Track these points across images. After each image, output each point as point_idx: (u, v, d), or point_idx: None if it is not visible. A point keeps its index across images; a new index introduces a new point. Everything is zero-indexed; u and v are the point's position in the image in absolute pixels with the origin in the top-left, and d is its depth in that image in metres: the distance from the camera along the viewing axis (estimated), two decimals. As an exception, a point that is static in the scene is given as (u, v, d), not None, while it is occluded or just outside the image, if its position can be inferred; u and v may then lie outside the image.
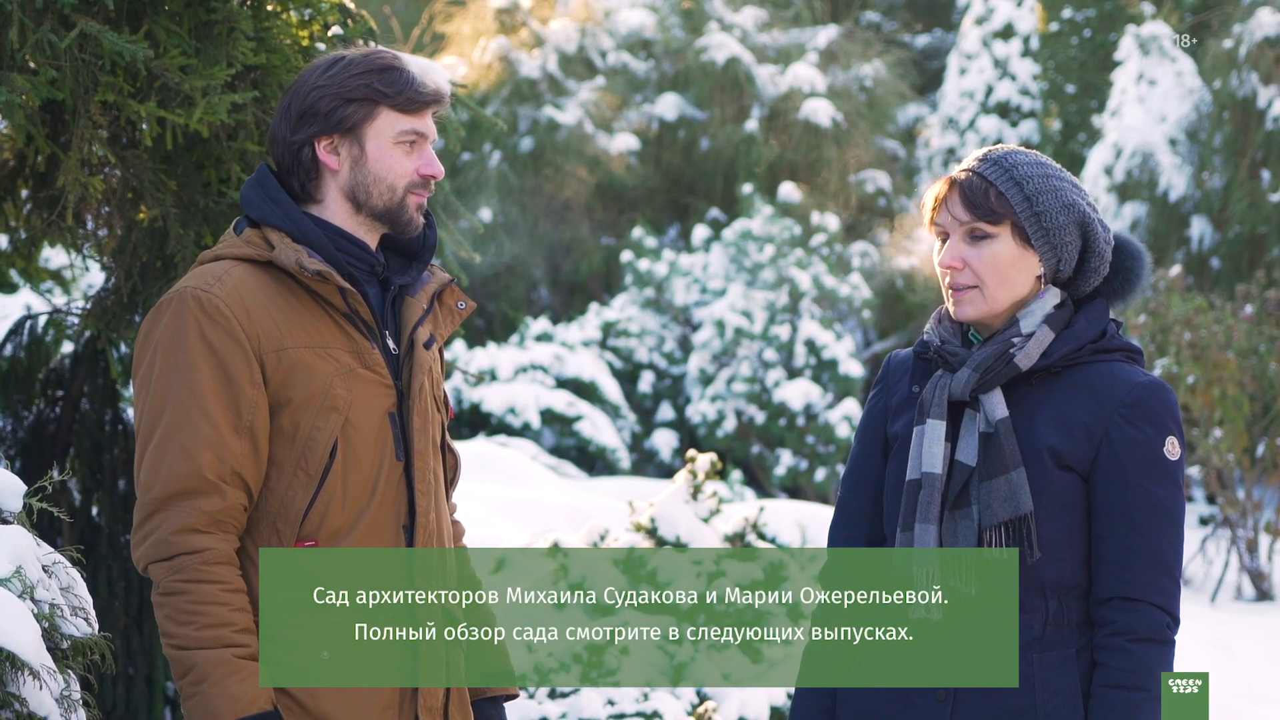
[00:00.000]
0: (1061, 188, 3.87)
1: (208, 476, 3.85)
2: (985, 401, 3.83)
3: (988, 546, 3.78)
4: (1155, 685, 3.75)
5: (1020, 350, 3.83)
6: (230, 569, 3.87)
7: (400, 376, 4.05)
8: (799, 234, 23.73)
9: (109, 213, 5.70)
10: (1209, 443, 16.12)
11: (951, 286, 3.90)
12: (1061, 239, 3.86)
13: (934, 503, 3.83)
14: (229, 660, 3.82)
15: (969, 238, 3.88)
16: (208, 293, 3.92)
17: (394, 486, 4.00)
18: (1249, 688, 10.62)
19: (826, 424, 21.95)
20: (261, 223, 4.02)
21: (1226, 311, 16.76)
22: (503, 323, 26.24)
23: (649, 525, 7.95)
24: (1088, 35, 27.96)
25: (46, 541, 4.30)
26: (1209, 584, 16.58)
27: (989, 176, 3.87)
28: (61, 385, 6.46)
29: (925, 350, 3.96)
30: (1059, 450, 3.80)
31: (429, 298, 4.14)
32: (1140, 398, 3.81)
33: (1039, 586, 3.80)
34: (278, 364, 3.92)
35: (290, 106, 4.04)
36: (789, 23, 30.18)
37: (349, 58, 4.05)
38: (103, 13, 5.12)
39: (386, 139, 4.02)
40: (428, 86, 4.05)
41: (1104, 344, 3.88)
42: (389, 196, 4.03)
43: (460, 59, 27.63)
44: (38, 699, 3.66)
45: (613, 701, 7.17)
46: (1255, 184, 23.25)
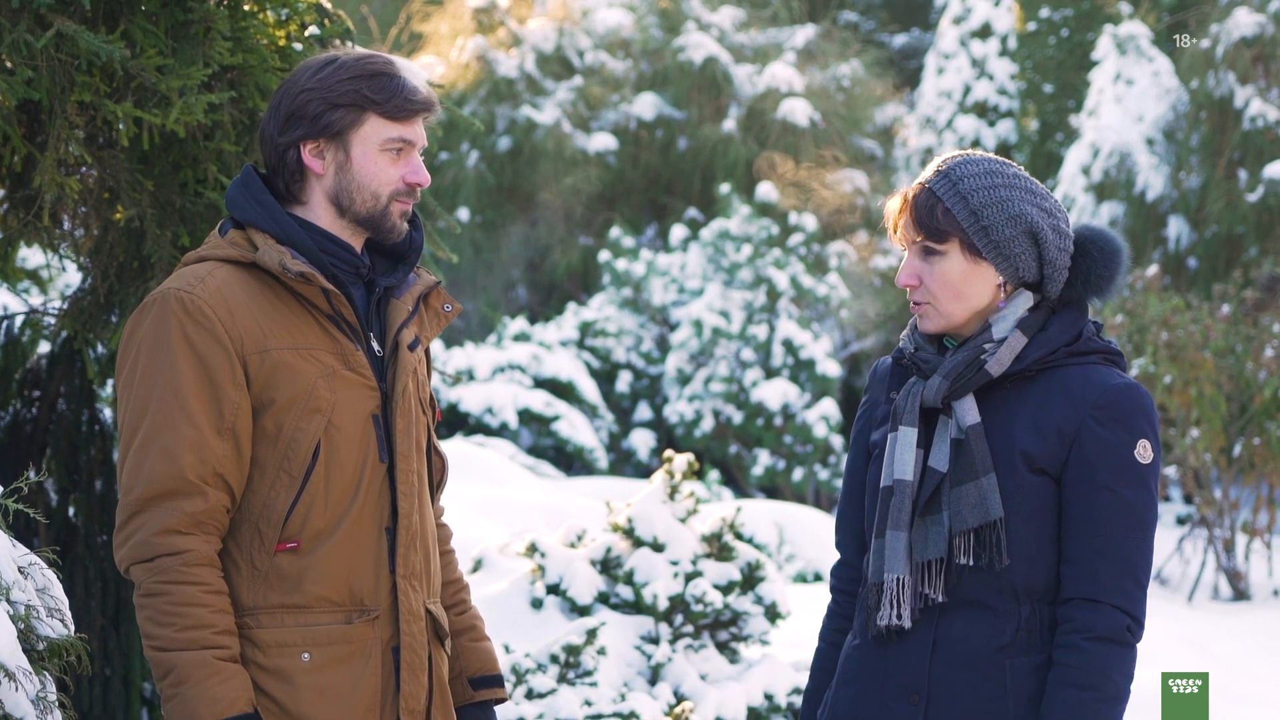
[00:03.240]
0: (1009, 198, 3.85)
1: (189, 478, 3.84)
2: (957, 408, 3.84)
3: (956, 552, 3.79)
4: (1109, 686, 3.74)
5: (991, 356, 3.83)
6: (211, 570, 3.86)
7: (385, 378, 4.04)
8: (777, 234, 23.75)
9: (86, 213, 5.68)
10: (1186, 443, 16.15)
11: (911, 300, 3.92)
12: (1012, 249, 3.85)
13: (905, 509, 3.83)
14: (208, 662, 3.81)
15: (922, 254, 3.89)
16: (190, 294, 3.91)
17: (377, 488, 3.99)
18: (1226, 687, 10.64)
19: (804, 424, 21.97)
20: (246, 224, 4.01)
21: (1203, 311, 16.80)
22: (480, 322, 26.24)
23: (626, 525, 7.95)
24: (1065, 35, 28.02)
25: (22, 542, 4.28)
26: (1186, 584, 16.61)
27: (936, 192, 3.87)
28: (38, 385, 6.45)
29: (902, 357, 3.97)
30: (1032, 454, 3.80)
31: (414, 300, 4.13)
32: (1113, 400, 3.81)
33: (1010, 591, 3.80)
34: (260, 365, 3.91)
35: (279, 106, 4.03)
36: (767, 22, 30.21)
37: (341, 60, 4.03)
38: (79, 13, 5.11)
39: (373, 146, 4.00)
40: (418, 94, 4.02)
41: (1079, 347, 3.88)
42: (372, 204, 4.01)
43: (438, 58, 27.64)
44: (13, 700, 3.65)
45: (590, 702, 7.17)
46: (1232, 184, 23.30)
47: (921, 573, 3.82)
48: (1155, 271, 18.00)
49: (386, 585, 4.00)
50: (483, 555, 8.62)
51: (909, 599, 3.82)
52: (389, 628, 4.00)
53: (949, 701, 3.82)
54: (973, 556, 3.78)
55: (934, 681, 3.83)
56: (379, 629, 3.99)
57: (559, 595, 7.96)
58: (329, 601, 3.94)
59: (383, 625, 3.99)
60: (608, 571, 7.97)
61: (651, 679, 7.63)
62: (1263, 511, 16.68)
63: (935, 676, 3.83)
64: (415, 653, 4.02)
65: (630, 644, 7.71)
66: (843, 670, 3.98)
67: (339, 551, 3.95)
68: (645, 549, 7.88)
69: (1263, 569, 16.96)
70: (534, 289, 27.96)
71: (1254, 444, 16.49)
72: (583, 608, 7.90)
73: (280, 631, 3.93)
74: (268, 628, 3.92)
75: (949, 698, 3.82)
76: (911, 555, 3.82)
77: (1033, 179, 3.92)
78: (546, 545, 8.07)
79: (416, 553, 4.04)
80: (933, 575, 3.81)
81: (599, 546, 8.00)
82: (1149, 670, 8.31)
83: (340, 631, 3.95)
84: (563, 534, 8.32)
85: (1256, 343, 16.63)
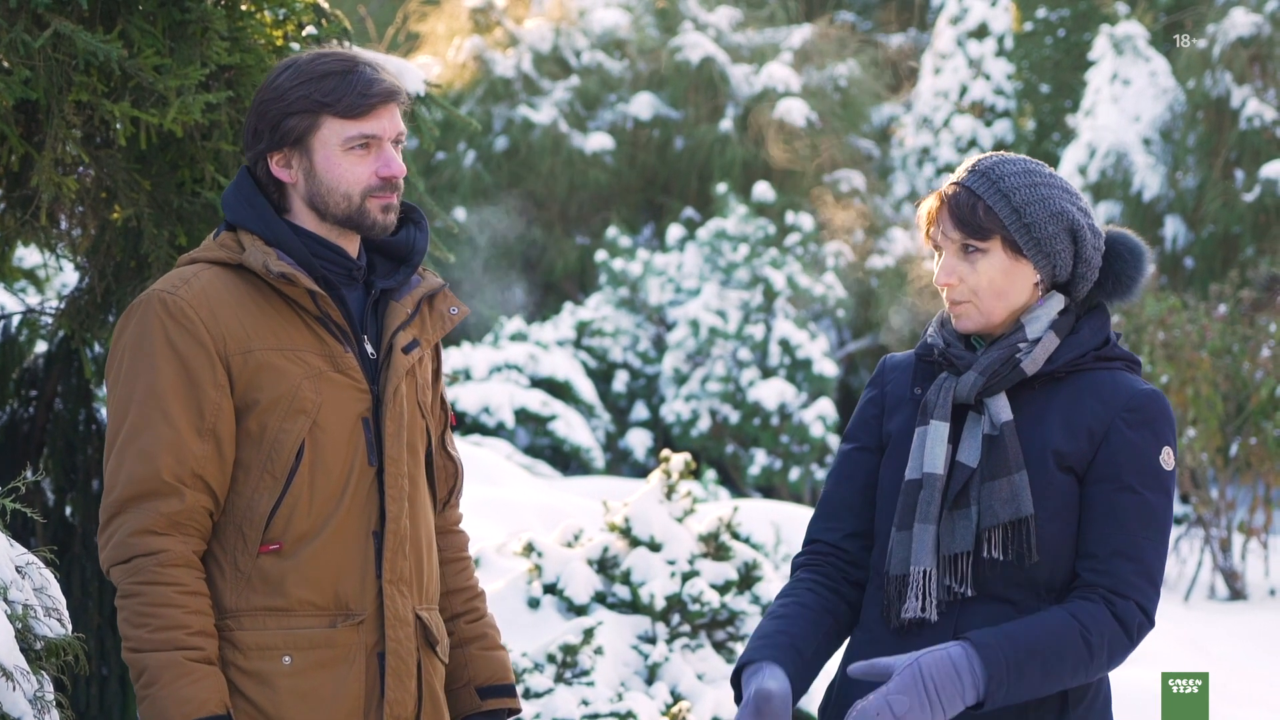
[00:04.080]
0: (1050, 195, 3.87)
1: (165, 479, 3.83)
2: (990, 404, 3.85)
3: (986, 546, 3.80)
4: (1098, 647, 3.72)
5: (1027, 355, 3.85)
6: (188, 571, 3.84)
7: (377, 381, 4.02)
8: (773, 233, 23.75)
9: (83, 212, 5.68)
10: (1183, 442, 16.17)
11: (949, 300, 3.92)
12: (1054, 247, 3.87)
13: (934, 502, 3.83)
14: (179, 663, 3.79)
15: (961, 253, 3.89)
16: (174, 295, 3.90)
17: (365, 491, 3.96)
18: (1222, 687, 10.65)
19: (801, 423, 21.97)
20: (238, 226, 4.00)
21: (1200, 311, 16.82)
22: (477, 322, 26.24)
23: (623, 525, 7.95)
24: (1062, 35, 28.03)
25: (20, 542, 4.29)
26: (1182, 583, 16.63)
27: (976, 190, 3.87)
28: (35, 385, 6.45)
29: (928, 353, 3.97)
30: (1063, 452, 3.81)
31: (415, 302, 4.09)
32: (1142, 404, 3.84)
33: (1033, 586, 3.81)
34: (244, 366, 3.89)
35: (247, 124, 4.01)
36: (763, 22, 30.20)
37: (296, 65, 3.98)
38: (77, 12, 5.11)
39: (334, 148, 3.95)
40: (375, 86, 3.95)
41: (1106, 352, 3.91)
42: (346, 204, 3.97)
43: (435, 58, 27.64)
44: (11, 700, 3.65)
45: (587, 701, 7.17)
46: (1229, 184, 23.32)
47: (948, 566, 3.83)
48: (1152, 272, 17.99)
49: (372, 590, 3.96)
50: (479, 555, 8.62)
51: (935, 591, 3.82)
52: (374, 633, 3.97)
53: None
54: (1003, 551, 3.79)
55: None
56: (364, 634, 3.95)
57: (556, 595, 7.96)
58: (312, 605, 3.91)
59: (368, 630, 3.96)
60: (605, 571, 7.97)
61: (648, 678, 7.63)
62: (1259, 511, 16.69)
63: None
64: (401, 659, 3.98)
65: (627, 643, 7.71)
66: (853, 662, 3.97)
67: (324, 554, 3.92)
68: (642, 549, 7.88)
69: (1259, 569, 16.98)
70: (531, 289, 27.94)
71: (1250, 444, 16.51)
72: (580, 607, 7.90)
73: (261, 634, 3.90)
74: (249, 630, 3.90)
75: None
76: (939, 549, 3.82)
77: (1066, 179, 3.94)
78: (543, 545, 8.06)
79: (406, 558, 4.00)
80: (960, 568, 3.82)
81: (596, 546, 8.00)
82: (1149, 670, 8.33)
83: (323, 635, 3.92)
84: (559, 533, 8.32)
85: (1253, 343, 16.65)
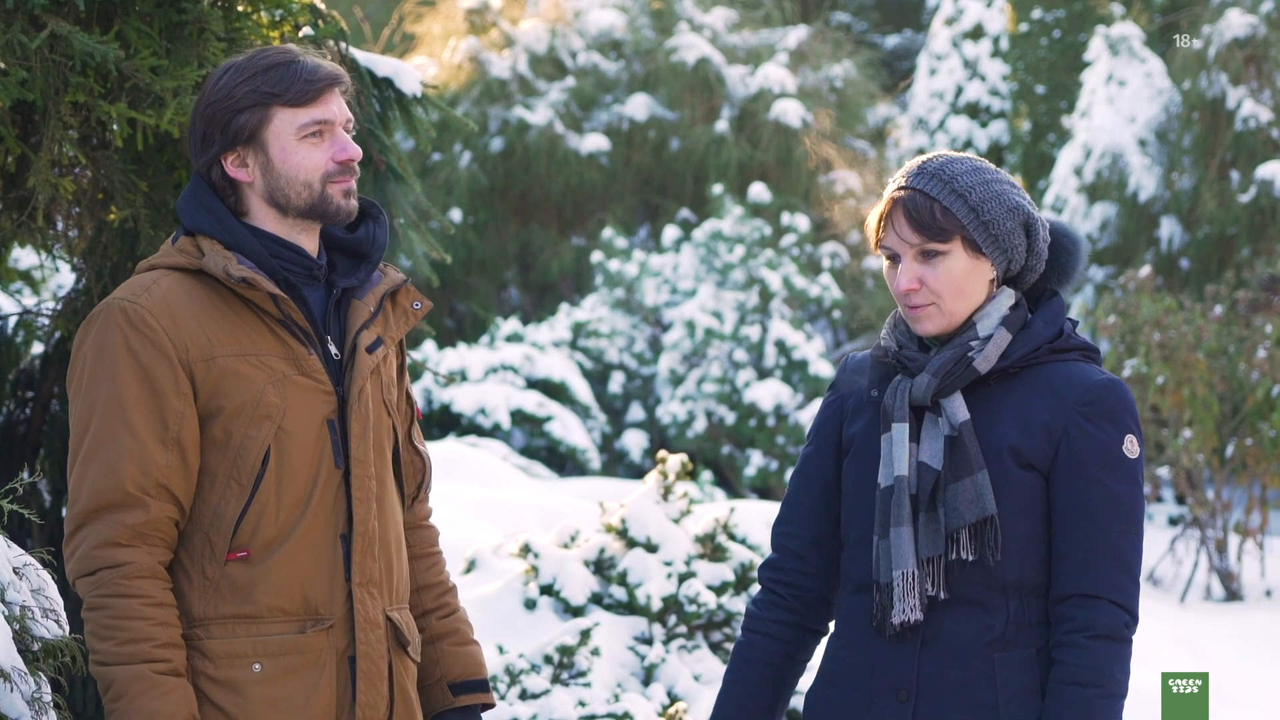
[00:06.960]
0: (1003, 191, 3.86)
1: (129, 490, 3.80)
2: (946, 405, 3.83)
3: (954, 548, 3.79)
4: (1111, 683, 3.76)
5: (979, 354, 3.83)
6: (154, 583, 3.82)
7: (342, 382, 3.99)
8: (769, 234, 23.75)
9: (79, 213, 5.68)
10: (1178, 443, 16.17)
11: (910, 305, 3.89)
12: (1011, 242, 3.86)
13: (904, 505, 3.83)
14: (146, 676, 3.76)
15: (921, 257, 3.86)
16: (134, 303, 3.87)
17: (331, 494, 3.94)
18: (1218, 688, 10.65)
19: (797, 425, 21.96)
20: (195, 231, 3.97)
21: (1196, 312, 16.82)
22: (473, 323, 26.22)
23: (620, 526, 7.95)
24: (1057, 36, 28.01)
25: (17, 543, 4.28)
26: (1178, 584, 16.63)
27: (931, 192, 3.84)
28: (31, 386, 6.44)
29: (883, 355, 3.96)
30: (1020, 449, 3.80)
31: (377, 300, 4.07)
32: (1099, 396, 3.82)
33: (1000, 587, 3.81)
34: (207, 373, 3.86)
35: (193, 129, 3.99)
36: (759, 23, 30.20)
37: (235, 65, 3.97)
38: (73, 13, 5.11)
39: (289, 138, 3.94)
40: (319, 71, 3.95)
41: (1060, 344, 3.89)
42: (307, 193, 3.95)
43: (430, 59, 27.62)
44: (8, 701, 3.65)
45: (583, 703, 7.17)
46: (1224, 184, 23.32)
47: (923, 569, 3.83)
48: (1148, 272, 18.03)
49: (342, 593, 3.93)
50: (476, 556, 8.61)
51: (917, 593, 3.82)
52: (344, 637, 3.94)
53: (938, 698, 3.82)
54: (971, 551, 3.78)
55: (922, 678, 3.84)
56: (334, 638, 3.93)
57: (552, 596, 7.96)
58: (282, 611, 3.89)
59: (338, 634, 3.93)
60: (601, 572, 7.97)
61: (645, 680, 7.63)
62: (1255, 512, 16.68)
63: (924, 673, 3.84)
64: (373, 662, 3.96)
65: (624, 645, 7.71)
66: (828, 670, 3.98)
67: (292, 560, 3.89)
68: (639, 550, 7.89)
69: (1255, 569, 16.97)
70: (527, 290, 27.93)
71: (1246, 444, 16.51)
72: (576, 608, 7.90)
73: (231, 642, 3.87)
74: (219, 638, 3.87)
75: (938, 694, 3.82)
76: (918, 551, 3.82)
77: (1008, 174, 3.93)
78: (540, 546, 8.07)
79: (375, 559, 3.97)
80: (934, 572, 3.82)
81: (592, 547, 8.00)
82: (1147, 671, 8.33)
83: (293, 641, 3.89)
84: (556, 535, 8.32)
85: (1249, 343, 16.65)
